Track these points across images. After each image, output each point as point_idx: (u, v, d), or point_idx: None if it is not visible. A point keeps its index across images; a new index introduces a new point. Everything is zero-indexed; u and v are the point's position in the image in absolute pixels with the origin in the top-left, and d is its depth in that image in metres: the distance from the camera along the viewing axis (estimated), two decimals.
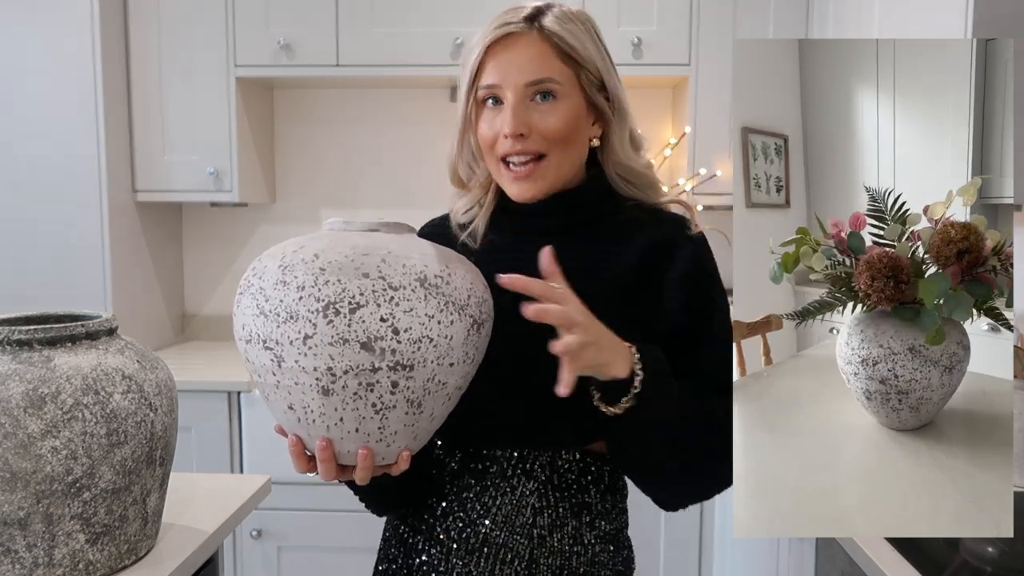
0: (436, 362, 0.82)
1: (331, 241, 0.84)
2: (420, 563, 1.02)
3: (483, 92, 0.96)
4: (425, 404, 0.84)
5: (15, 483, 0.94)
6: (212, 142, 2.41)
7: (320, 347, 0.79)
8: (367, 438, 0.84)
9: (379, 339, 0.79)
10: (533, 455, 0.98)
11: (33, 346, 0.99)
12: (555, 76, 0.95)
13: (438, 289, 0.82)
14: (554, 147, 0.96)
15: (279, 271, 0.82)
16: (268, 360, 0.82)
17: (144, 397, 1.03)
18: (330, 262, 0.81)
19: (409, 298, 0.80)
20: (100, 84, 2.26)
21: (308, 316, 0.79)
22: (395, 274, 0.81)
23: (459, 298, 0.84)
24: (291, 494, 2.16)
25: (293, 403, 0.84)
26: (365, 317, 0.79)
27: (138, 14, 2.37)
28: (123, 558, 1.05)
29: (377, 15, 2.34)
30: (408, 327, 0.80)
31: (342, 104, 2.71)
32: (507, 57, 0.95)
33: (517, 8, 0.97)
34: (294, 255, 0.83)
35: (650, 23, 2.32)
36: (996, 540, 1.16)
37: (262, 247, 2.73)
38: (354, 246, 0.83)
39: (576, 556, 0.99)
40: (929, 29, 1.66)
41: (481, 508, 0.98)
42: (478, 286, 0.88)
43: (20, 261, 2.29)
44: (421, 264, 0.83)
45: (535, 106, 0.95)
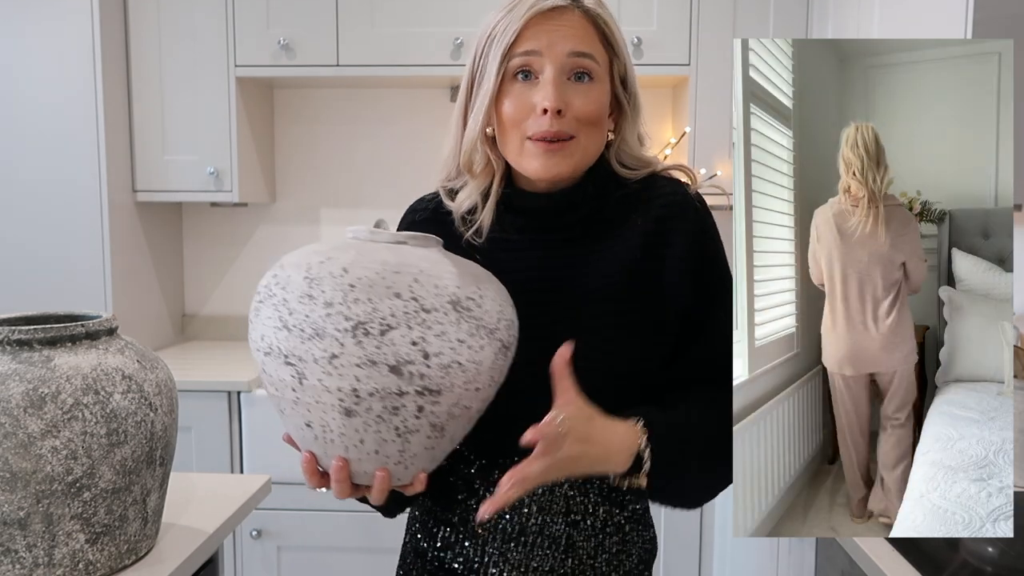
0: (463, 387, 0.80)
1: (358, 254, 0.81)
2: (454, 555, 1.00)
3: (518, 60, 0.91)
4: (448, 428, 0.82)
5: (15, 483, 0.94)
6: (212, 142, 2.41)
7: (346, 367, 0.76)
8: (386, 460, 0.81)
9: (409, 363, 0.76)
10: None
11: (33, 346, 0.99)
12: (594, 54, 0.92)
13: (470, 312, 0.80)
14: (585, 130, 0.92)
15: (305, 283, 0.79)
16: (289, 376, 0.79)
17: (144, 397, 1.03)
18: (360, 278, 0.78)
19: (441, 321, 0.78)
20: (100, 84, 2.26)
21: (335, 335, 0.76)
22: (427, 295, 0.78)
23: (489, 321, 0.81)
24: (291, 494, 2.16)
25: (312, 421, 0.81)
26: (396, 339, 0.76)
27: (138, 14, 2.37)
28: (123, 558, 1.05)
29: (377, 15, 2.34)
30: (439, 352, 0.77)
31: (342, 104, 2.71)
32: (550, 27, 0.91)
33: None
34: (320, 267, 0.80)
35: (650, 23, 2.32)
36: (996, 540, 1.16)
37: (262, 247, 2.75)
38: (384, 262, 0.80)
39: (608, 536, 0.99)
40: (929, 29, 1.66)
41: (516, 500, 0.93)
42: (507, 308, 0.86)
43: (20, 261, 2.29)
44: (453, 285, 0.80)
45: (572, 85, 0.91)
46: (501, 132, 0.94)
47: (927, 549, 1.13)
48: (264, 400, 2.17)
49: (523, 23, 0.90)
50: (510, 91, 0.92)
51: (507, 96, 0.92)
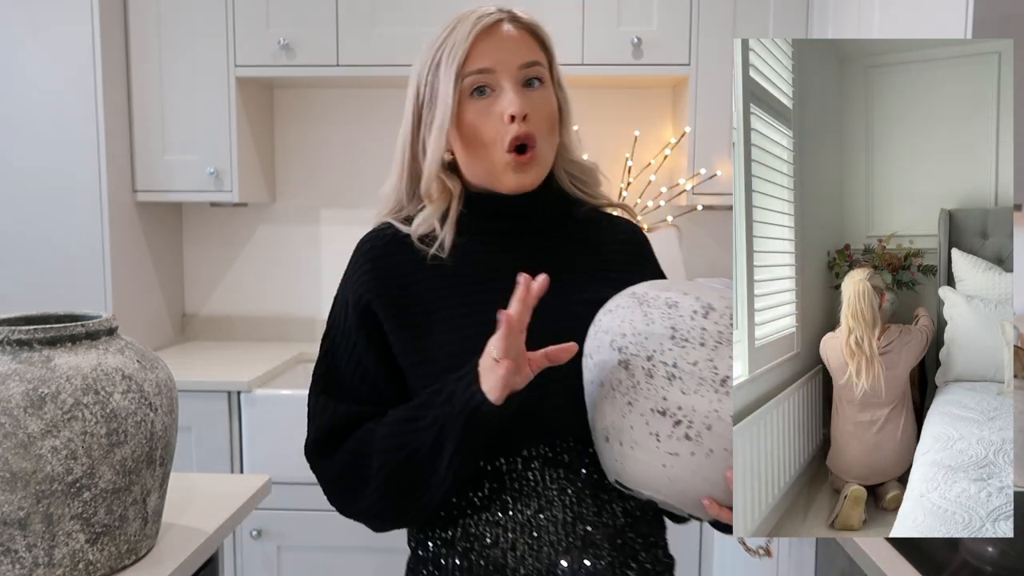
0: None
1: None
2: (493, 555, 0.95)
3: (472, 79, 0.95)
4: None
5: (15, 483, 0.94)
6: (212, 142, 2.41)
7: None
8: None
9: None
10: (568, 443, 0.97)
11: (33, 346, 0.99)
12: (540, 61, 0.98)
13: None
14: (543, 134, 0.97)
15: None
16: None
17: (144, 397, 1.03)
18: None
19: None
20: (100, 84, 2.26)
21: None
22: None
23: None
24: (291, 494, 2.16)
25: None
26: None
27: (138, 14, 2.37)
28: (123, 558, 1.05)
29: (377, 15, 2.34)
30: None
31: (342, 104, 2.71)
32: (496, 43, 0.96)
33: (481, 7, 0.98)
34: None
35: (650, 23, 2.32)
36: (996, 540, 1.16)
37: (262, 247, 2.75)
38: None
39: (626, 515, 0.98)
40: (929, 29, 1.66)
41: (544, 494, 0.95)
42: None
43: (20, 261, 2.29)
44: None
45: (527, 92, 0.97)
46: (469, 152, 0.98)
47: (927, 549, 1.13)
48: (264, 400, 2.17)
49: (470, 43, 0.95)
50: (471, 109, 0.96)
51: (469, 115, 0.96)
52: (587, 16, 2.32)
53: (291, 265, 2.76)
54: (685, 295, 0.83)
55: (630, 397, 0.82)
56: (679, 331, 0.81)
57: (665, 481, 0.82)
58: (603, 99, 2.64)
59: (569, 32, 2.32)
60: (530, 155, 0.96)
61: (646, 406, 0.81)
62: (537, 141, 0.96)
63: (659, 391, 0.80)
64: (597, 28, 2.32)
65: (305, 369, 2.56)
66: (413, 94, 1.01)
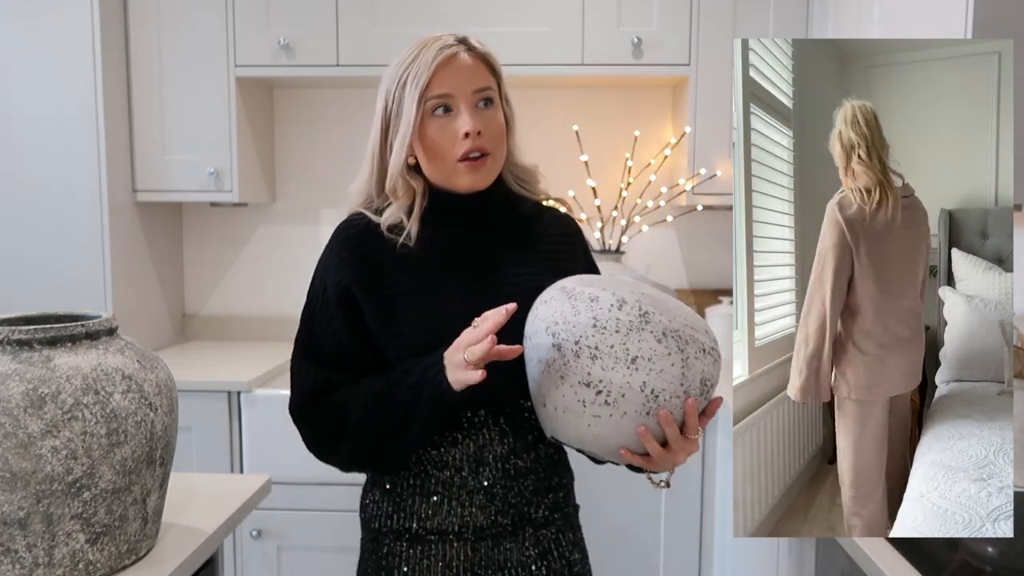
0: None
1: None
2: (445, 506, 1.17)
3: (434, 102, 1.13)
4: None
5: (15, 483, 0.94)
6: (212, 142, 2.41)
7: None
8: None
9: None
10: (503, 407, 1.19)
11: (33, 346, 0.99)
12: (491, 85, 1.16)
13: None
14: (495, 145, 1.16)
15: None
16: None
17: (144, 397, 1.03)
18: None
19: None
20: (100, 84, 2.26)
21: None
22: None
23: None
24: (291, 494, 2.16)
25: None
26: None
27: (138, 14, 2.37)
28: (123, 558, 1.05)
29: (377, 15, 2.34)
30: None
31: (342, 104, 2.71)
32: (455, 71, 1.13)
33: (439, 37, 1.15)
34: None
35: (650, 23, 2.32)
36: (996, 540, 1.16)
37: (262, 247, 2.76)
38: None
39: (548, 459, 1.23)
40: (929, 29, 1.66)
41: (488, 448, 1.17)
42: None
43: (20, 261, 2.29)
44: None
45: (480, 111, 1.15)
46: (429, 159, 1.16)
47: (927, 549, 1.13)
48: (264, 400, 2.17)
49: (432, 71, 1.13)
50: (432, 124, 1.14)
51: (431, 129, 1.15)
52: (587, 16, 2.32)
53: (291, 265, 2.76)
54: (604, 291, 1.02)
55: (562, 372, 1.02)
56: (599, 320, 1.00)
57: (590, 437, 1.03)
58: (603, 99, 2.64)
59: (569, 32, 2.32)
60: (482, 161, 1.14)
61: (575, 379, 1.01)
62: (490, 150, 1.15)
63: (584, 368, 1.00)
64: (597, 28, 2.32)
65: None
66: (382, 106, 1.19)
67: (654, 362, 0.99)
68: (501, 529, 1.18)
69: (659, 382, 0.99)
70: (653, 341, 0.99)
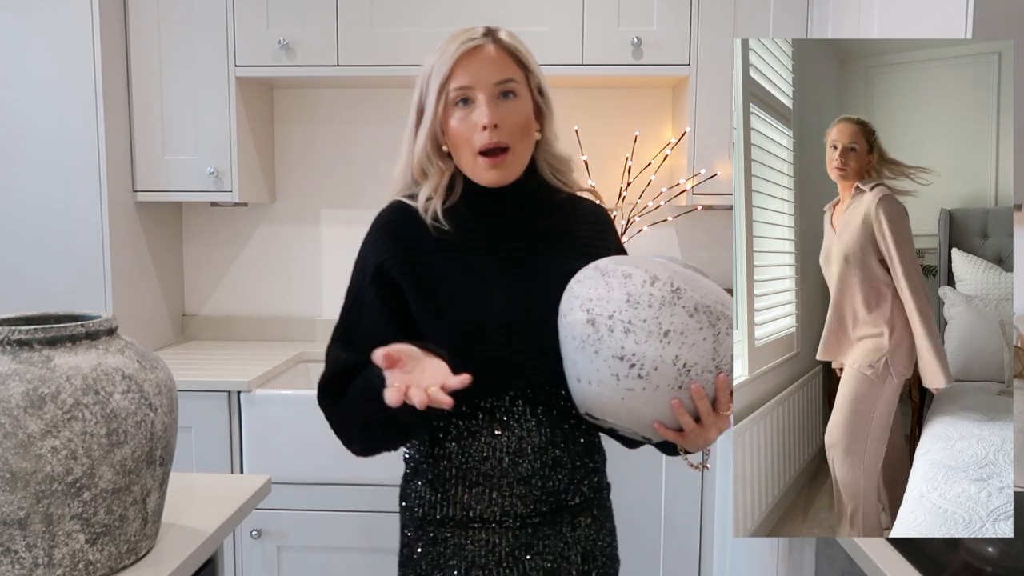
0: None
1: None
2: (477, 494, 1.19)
3: (455, 94, 1.16)
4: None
5: (15, 483, 0.94)
6: (212, 142, 2.41)
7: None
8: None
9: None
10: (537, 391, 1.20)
11: (33, 346, 0.99)
12: (515, 77, 1.18)
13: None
14: (517, 139, 1.17)
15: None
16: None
17: (144, 397, 1.03)
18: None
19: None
20: (100, 84, 2.26)
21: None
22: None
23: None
24: (291, 494, 2.16)
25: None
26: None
27: (138, 14, 2.37)
28: (123, 558, 1.05)
29: (377, 15, 2.34)
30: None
31: (342, 104, 2.71)
32: (475, 63, 1.16)
33: (469, 29, 1.20)
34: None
35: (650, 23, 2.32)
36: (996, 540, 1.16)
37: (262, 247, 2.76)
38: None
39: (586, 445, 1.25)
40: (929, 29, 1.66)
41: (519, 435, 1.19)
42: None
43: (20, 261, 2.29)
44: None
45: (502, 103, 1.16)
46: (455, 149, 1.19)
47: (927, 549, 1.13)
48: (264, 400, 2.17)
49: (453, 62, 1.16)
50: (454, 115, 1.17)
51: (453, 119, 1.17)
52: (587, 16, 2.32)
53: (291, 265, 2.76)
54: (637, 268, 1.05)
55: (596, 347, 1.04)
56: (632, 296, 1.03)
57: (624, 411, 1.05)
58: (603, 99, 2.64)
59: (569, 32, 2.32)
60: (503, 157, 1.16)
61: (608, 353, 1.03)
62: (509, 144, 1.16)
63: (618, 341, 1.02)
64: (597, 28, 2.32)
65: (305, 369, 2.56)
66: (417, 95, 1.22)
67: (686, 336, 1.00)
68: (540, 517, 1.20)
69: (691, 356, 1.01)
70: (685, 316, 1.01)
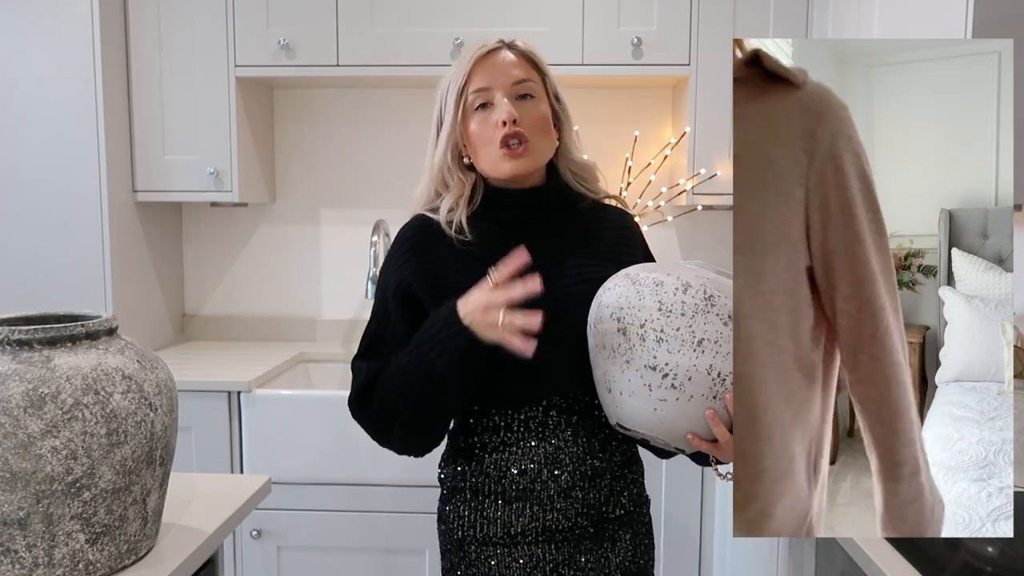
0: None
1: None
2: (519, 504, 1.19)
3: (474, 97, 1.19)
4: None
5: (15, 483, 0.94)
6: (212, 142, 2.41)
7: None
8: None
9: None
10: (571, 399, 1.21)
11: (33, 346, 0.99)
12: (532, 78, 1.21)
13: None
14: (536, 135, 1.19)
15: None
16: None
17: (144, 397, 1.03)
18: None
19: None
20: (100, 84, 2.26)
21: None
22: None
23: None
24: (291, 494, 2.16)
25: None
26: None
27: (138, 14, 2.37)
28: (123, 558, 1.05)
29: (377, 15, 2.34)
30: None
31: (342, 104, 2.71)
32: (492, 66, 1.19)
33: (486, 40, 1.22)
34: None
35: (650, 23, 2.32)
36: (996, 540, 1.16)
37: (262, 247, 2.76)
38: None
39: (623, 455, 1.25)
40: (929, 29, 1.66)
41: (555, 444, 1.19)
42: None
43: (20, 261, 2.29)
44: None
45: (519, 103, 1.19)
46: (475, 152, 1.21)
47: (927, 549, 1.13)
48: (264, 400, 2.17)
49: (471, 66, 1.19)
50: (474, 119, 1.20)
51: (473, 125, 1.20)
52: (587, 16, 2.32)
53: (291, 265, 2.76)
54: (668, 275, 1.03)
55: (627, 356, 1.02)
56: (664, 304, 1.00)
57: (656, 421, 1.02)
58: (603, 99, 2.64)
59: (569, 32, 2.32)
60: (523, 148, 1.17)
61: (640, 363, 1.01)
62: (529, 138, 1.18)
63: (650, 351, 1.00)
64: (597, 28, 2.32)
65: (305, 369, 2.56)
66: (436, 111, 1.24)
67: (721, 345, 0.97)
68: (582, 531, 1.19)
69: (726, 365, 0.97)
70: (719, 324, 0.98)
